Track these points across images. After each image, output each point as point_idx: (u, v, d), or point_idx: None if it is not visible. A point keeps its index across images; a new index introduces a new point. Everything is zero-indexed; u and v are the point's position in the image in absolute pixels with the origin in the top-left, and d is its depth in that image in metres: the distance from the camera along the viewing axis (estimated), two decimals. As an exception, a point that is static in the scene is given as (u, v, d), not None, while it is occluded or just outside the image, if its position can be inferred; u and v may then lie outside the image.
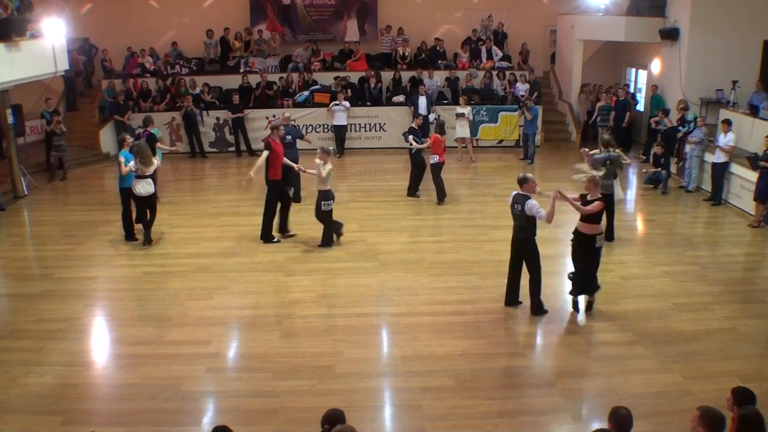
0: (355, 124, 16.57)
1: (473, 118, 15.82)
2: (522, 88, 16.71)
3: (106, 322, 8.04)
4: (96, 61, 17.59)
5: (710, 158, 12.38)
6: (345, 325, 7.65)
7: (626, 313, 7.82)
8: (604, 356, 6.99)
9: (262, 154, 10.15)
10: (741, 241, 10.51)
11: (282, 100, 16.72)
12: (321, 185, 9.74)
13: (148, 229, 10.26)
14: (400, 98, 16.72)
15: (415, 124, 12.85)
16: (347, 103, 15.99)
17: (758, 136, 11.60)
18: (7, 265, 9.77)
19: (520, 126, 16.09)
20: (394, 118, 16.49)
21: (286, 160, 10.19)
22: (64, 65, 13.39)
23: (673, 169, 13.77)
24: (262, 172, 10.14)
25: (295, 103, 16.58)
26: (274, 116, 15.75)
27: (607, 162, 9.47)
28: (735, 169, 11.91)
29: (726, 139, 11.76)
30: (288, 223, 10.54)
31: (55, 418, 5.96)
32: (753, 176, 11.08)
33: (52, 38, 12.64)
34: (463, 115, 15.17)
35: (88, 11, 17.55)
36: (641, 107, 17.01)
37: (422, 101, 15.63)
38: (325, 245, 9.99)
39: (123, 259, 9.83)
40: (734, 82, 13.36)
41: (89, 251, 10.11)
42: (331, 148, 9.70)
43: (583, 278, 7.71)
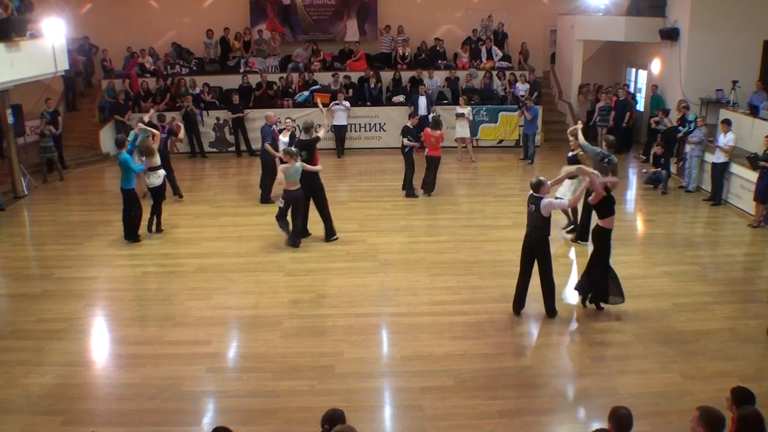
0: (355, 124, 16.58)
1: (473, 118, 15.81)
2: (522, 88, 16.70)
3: (106, 322, 8.04)
4: (96, 61, 17.58)
5: (710, 158, 12.37)
6: (345, 325, 7.66)
7: (626, 313, 7.82)
8: (604, 356, 7.00)
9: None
10: (741, 241, 10.51)
11: (282, 100, 16.71)
12: (286, 185, 9.75)
13: (160, 217, 10.75)
14: (400, 98, 16.72)
15: (411, 124, 12.85)
16: (347, 103, 15.99)
17: (758, 136, 11.61)
18: (7, 265, 9.77)
19: (520, 126, 16.09)
20: (394, 118, 16.46)
21: (305, 165, 10.04)
22: (64, 65, 13.39)
23: (673, 169, 13.76)
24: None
25: (295, 103, 16.58)
26: (288, 119, 14.01)
27: (605, 160, 9.36)
28: (735, 169, 11.91)
29: (726, 139, 11.77)
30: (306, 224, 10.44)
31: (55, 418, 5.97)
32: (753, 176, 11.08)
33: (52, 38, 12.64)
34: (463, 115, 15.17)
35: (88, 11, 17.56)
36: (641, 107, 17.00)
37: (422, 101, 15.62)
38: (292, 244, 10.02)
39: (123, 259, 9.84)
40: (734, 82, 13.36)
41: (89, 251, 10.12)
42: (294, 149, 9.84)
43: (597, 279, 7.75)
